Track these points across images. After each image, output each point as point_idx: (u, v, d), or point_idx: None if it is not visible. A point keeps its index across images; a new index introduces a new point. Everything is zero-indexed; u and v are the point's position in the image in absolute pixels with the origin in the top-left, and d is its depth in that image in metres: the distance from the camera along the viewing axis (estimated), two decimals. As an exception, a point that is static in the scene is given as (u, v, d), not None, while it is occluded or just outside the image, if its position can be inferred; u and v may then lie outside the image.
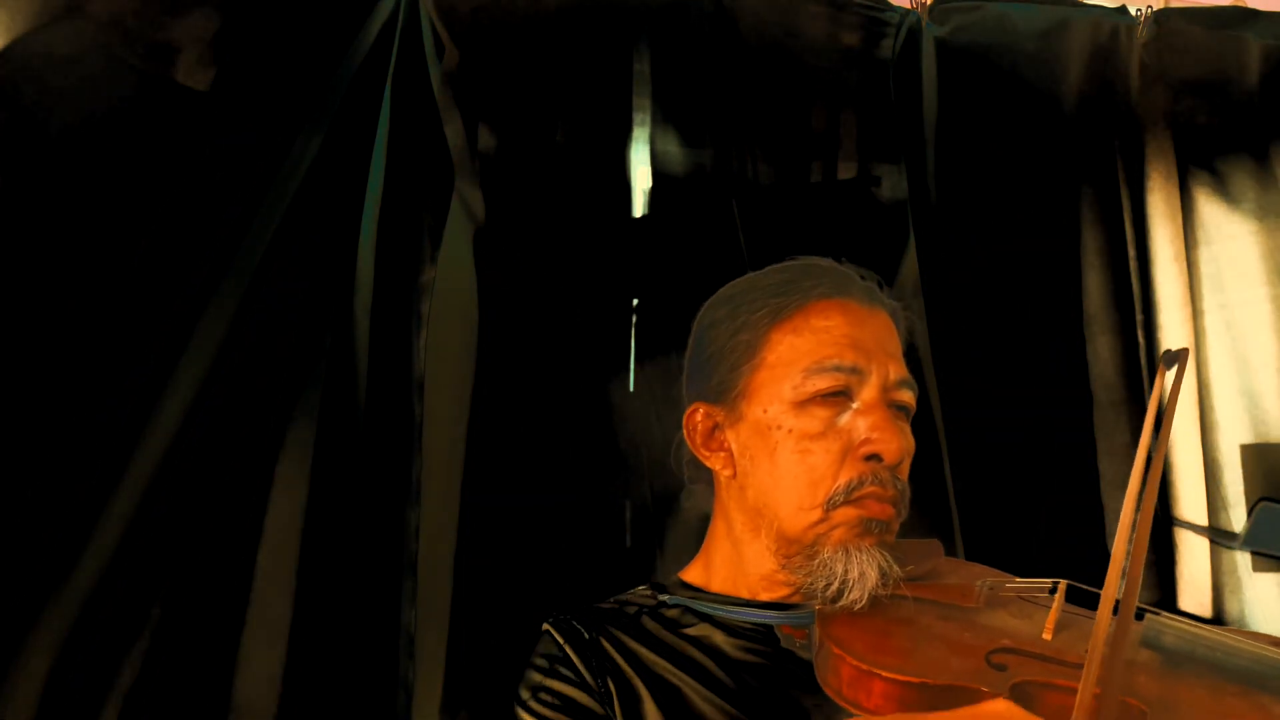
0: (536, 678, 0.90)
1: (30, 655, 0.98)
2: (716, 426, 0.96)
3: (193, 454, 1.07)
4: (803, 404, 0.90)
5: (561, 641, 0.91)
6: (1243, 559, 1.33)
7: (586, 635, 0.91)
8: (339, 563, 1.11)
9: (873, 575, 0.84)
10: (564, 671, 0.89)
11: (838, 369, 0.89)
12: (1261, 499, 1.33)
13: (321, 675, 1.08)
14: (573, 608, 0.96)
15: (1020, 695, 0.73)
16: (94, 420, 1.05)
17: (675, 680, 0.87)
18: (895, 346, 0.95)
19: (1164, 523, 1.33)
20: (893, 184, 1.38)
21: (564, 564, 1.19)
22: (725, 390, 0.95)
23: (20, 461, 1.02)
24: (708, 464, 0.97)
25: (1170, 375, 0.87)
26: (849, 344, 0.91)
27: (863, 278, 0.98)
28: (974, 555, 1.22)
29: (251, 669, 1.06)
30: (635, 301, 1.29)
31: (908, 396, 0.93)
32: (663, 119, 1.32)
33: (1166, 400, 0.84)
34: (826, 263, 0.99)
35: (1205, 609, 1.31)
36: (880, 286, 0.99)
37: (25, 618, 0.99)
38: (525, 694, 0.90)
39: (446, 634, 1.14)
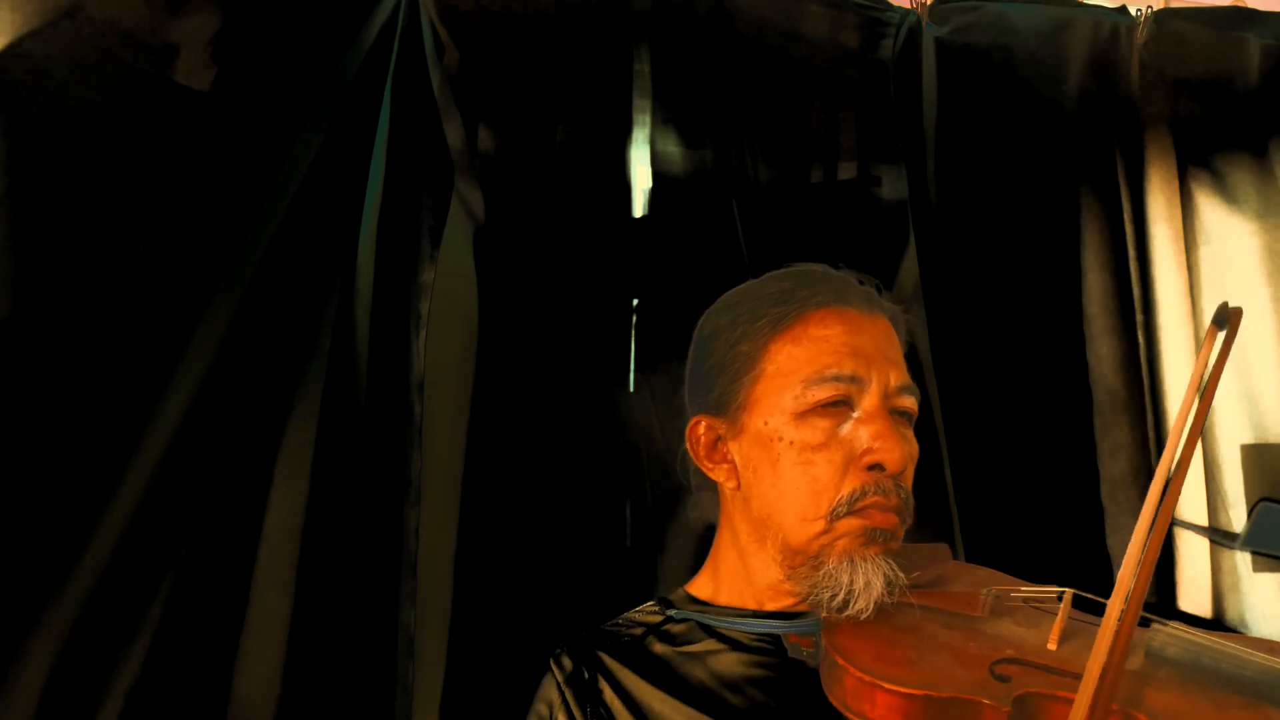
0: None
1: (30, 655, 0.98)
2: (719, 439, 0.95)
3: (193, 454, 1.07)
4: (803, 415, 0.89)
5: (562, 683, 0.92)
6: (1243, 559, 1.33)
7: (585, 675, 0.91)
8: (339, 562, 1.11)
9: (878, 585, 0.84)
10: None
11: (837, 378, 0.89)
12: (1261, 499, 1.33)
13: (321, 675, 1.08)
14: (576, 635, 0.97)
15: (1023, 708, 0.72)
16: (94, 420, 1.05)
17: (673, 713, 0.87)
18: (896, 352, 0.94)
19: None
20: (893, 184, 1.38)
21: (563, 563, 1.19)
22: (726, 402, 0.94)
23: (20, 461, 1.02)
24: (711, 476, 0.97)
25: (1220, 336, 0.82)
26: (848, 352, 0.90)
27: (861, 283, 0.97)
28: (974, 556, 1.22)
29: (251, 669, 1.06)
30: (635, 301, 1.29)
31: (909, 402, 0.93)
32: (663, 119, 1.32)
33: (1213, 366, 0.80)
34: (824, 269, 0.99)
35: (1205, 609, 1.31)
36: (879, 291, 0.99)
37: (25, 618, 0.99)
38: None
39: (446, 634, 1.14)
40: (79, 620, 1.00)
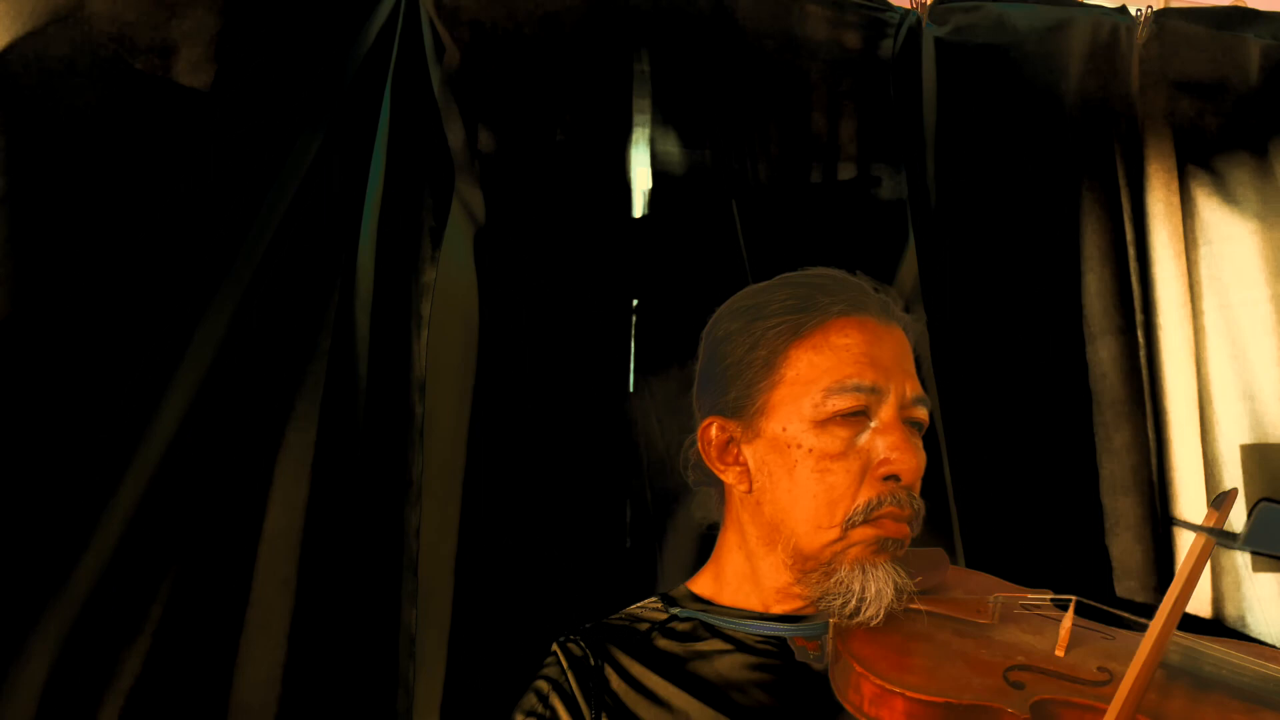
0: (532, 701, 0.91)
1: (30, 655, 0.98)
2: (731, 440, 0.95)
3: (193, 454, 1.07)
4: (823, 423, 0.89)
5: (565, 667, 0.92)
6: (1243, 559, 1.33)
7: (592, 662, 0.91)
8: (339, 562, 1.11)
9: (889, 592, 0.85)
10: (557, 703, 0.90)
11: (858, 389, 0.89)
12: (1261, 499, 1.33)
13: (321, 675, 1.08)
14: (584, 625, 0.96)
15: (1040, 713, 0.73)
16: (94, 420, 1.05)
17: (683, 704, 0.87)
18: (910, 362, 0.95)
19: (1164, 523, 1.33)
20: (892, 184, 1.38)
21: (564, 563, 1.19)
22: (742, 406, 0.94)
23: (20, 461, 1.02)
24: (722, 478, 0.97)
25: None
26: (869, 363, 0.90)
27: (877, 290, 0.97)
28: (974, 558, 1.22)
29: (251, 669, 1.06)
30: (635, 302, 1.29)
31: (923, 413, 0.93)
32: (663, 119, 1.32)
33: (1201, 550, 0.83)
34: (842, 275, 0.98)
35: (1205, 609, 1.31)
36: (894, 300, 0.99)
37: (25, 618, 0.99)
38: (519, 715, 0.91)
39: (447, 634, 1.14)
40: (79, 620, 1.00)
